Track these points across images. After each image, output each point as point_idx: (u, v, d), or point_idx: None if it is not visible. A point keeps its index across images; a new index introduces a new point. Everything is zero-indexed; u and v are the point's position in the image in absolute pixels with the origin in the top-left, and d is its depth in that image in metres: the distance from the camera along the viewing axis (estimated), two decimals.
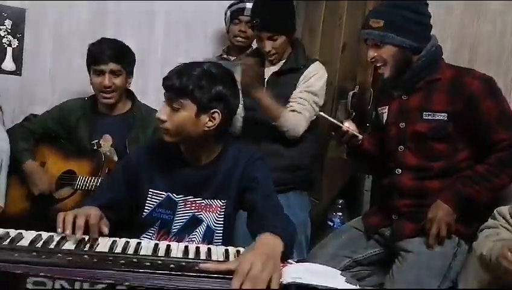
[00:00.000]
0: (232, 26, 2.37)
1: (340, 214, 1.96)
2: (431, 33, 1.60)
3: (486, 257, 1.21)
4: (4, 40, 2.34)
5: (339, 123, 1.62)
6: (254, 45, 2.31)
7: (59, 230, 1.11)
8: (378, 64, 1.60)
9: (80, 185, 1.90)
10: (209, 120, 1.32)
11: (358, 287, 1.10)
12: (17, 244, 1.03)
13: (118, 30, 2.50)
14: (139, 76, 2.57)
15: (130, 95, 2.10)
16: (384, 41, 1.55)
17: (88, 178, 1.91)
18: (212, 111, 1.32)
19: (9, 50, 2.36)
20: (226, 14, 2.43)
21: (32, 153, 1.97)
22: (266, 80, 2.04)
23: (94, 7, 2.51)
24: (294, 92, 1.98)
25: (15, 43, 2.36)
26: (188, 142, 1.37)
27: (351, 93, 2.31)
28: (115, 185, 1.43)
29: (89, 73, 2.00)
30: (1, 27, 2.32)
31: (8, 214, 1.90)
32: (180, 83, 1.28)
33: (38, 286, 0.88)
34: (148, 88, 2.58)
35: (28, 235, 1.08)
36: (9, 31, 2.34)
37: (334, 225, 1.94)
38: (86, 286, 0.88)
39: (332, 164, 2.42)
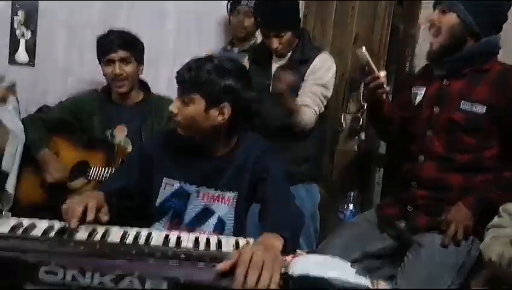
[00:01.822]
0: (231, 18, 2.39)
1: (351, 206, 1.95)
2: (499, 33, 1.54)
3: (496, 263, 1.19)
4: (17, 32, 2.36)
5: (374, 66, 1.54)
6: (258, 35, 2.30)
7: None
8: (431, 31, 1.55)
9: (93, 176, 1.93)
10: (219, 114, 1.33)
11: (368, 279, 1.10)
12: (30, 233, 1.04)
13: (130, 21, 2.50)
14: (151, 67, 2.57)
15: (143, 85, 2.12)
16: (451, 8, 1.50)
17: (101, 169, 1.93)
18: (221, 105, 1.32)
19: (22, 41, 2.37)
20: (227, 5, 2.43)
21: (46, 143, 1.98)
22: (273, 73, 2.02)
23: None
24: (303, 84, 1.97)
25: (28, 34, 2.38)
26: (200, 135, 1.38)
27: (363, 84, 2.29)
28: (128, 172, 1.45)
29: (101, 65, 2.02)
30: (14, 18, 2.34)
31: (22, 204, 1.93)
32: (190, 77, 1.31)
33: (50, 275, 0.89)
34: (159, 79, 2.57)
35: (41, 225, 1.10)
36: (22, 22, 2.36)
37: (344, 217, 1.94)
38: (97, 275, 0.89)
39: (343, 156, 2.41)
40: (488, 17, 1.50)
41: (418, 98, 1.62)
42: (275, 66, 2.04)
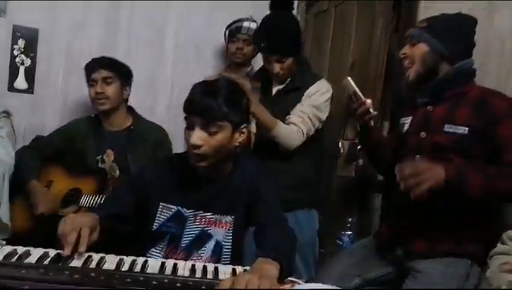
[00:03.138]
0: (229, 45, 2.47)
1: (350, 232, 1.93)
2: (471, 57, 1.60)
3: None
4: (17, 59, 2.39)
5: (361, 94, 1.63)
6: (258, 62, 2.33)
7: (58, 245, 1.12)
8: (406, 63, 1.62)
9: (84, 203, 1.93)
10: (240, 135, 1.35)
11: None
12: (25, 261, 1.03)
13: (128, 50, 2.54)
14: (149, 94, 2.62)
15: (131, 111, 2.19)
16: (420, 38, 1.58)
17: (92, 196, 1.94)
18: (242, 126, 1.35)
19: (21, 69, 2.40)
20: (224, 33, 2.51)
21: (39, 172, 2.01)
22: (272, 96, 2.05)
23: (105, 27, 2.55)
24: (296, 106, 1.99)
25: (27, 62, 2.40)
26: (220, 161, 1.36)
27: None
28: (124, 197, 1.43)
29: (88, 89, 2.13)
30: (15, 46, 2.37)
31: (15, 231, 1.91)
32: (216, 104, 1.27)
33: None
34: (157, 106, 2.60)
35: (36, 253, 1.09)
36: (22, 50, 2.39)
37: (343, 243, 1.91)
38: None
39: (341, 182, 2.40)
40: (456, 42, 1.56)
41: (406, 127, 1.67)
42: (273, 91, 2.06)
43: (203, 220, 1.39)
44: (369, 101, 1.63)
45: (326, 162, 2.21)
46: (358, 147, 2.20)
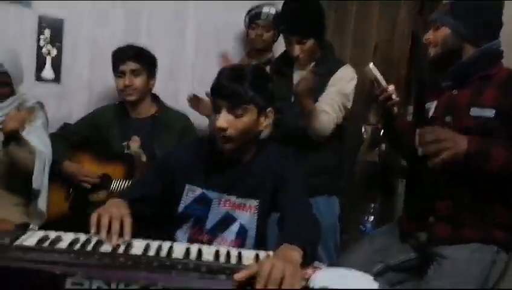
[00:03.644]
0: (249, 31, 2.46)
1: (372, 218, 1.93)
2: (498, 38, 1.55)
3: None
4: (44, 50, 2.44)
5: (383, 81, 1.61)
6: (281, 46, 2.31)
7: (92, 230, 1.15)
8: (430, 48, 1.59)
9: (114, 188, 1.99)
10: (265, 119, 1.38)
11: None
12: (56, 246, 1.07)
13: (150, 38, 2.56)
14: (171, 81, 2.64)
15: (156, 99, 2.22)
16: (441, 22, 1.55)
17: (122, 181, 2.00)
18: (268, 110, 1.37)
19: (48, 59, 2.45)
20: (245, 19, 2.51)
21: (67, 157, 2.08)
22: (295, 84, 2.03)
23: (128, 16, 2.58)
24: (323, 93, 1.97)
25: (54, 52, 2.45)
26: (245, 144, 1.39)
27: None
28: (151, 181, 1.47)
29: (114, 78, 2.14)
30: (41, 36, 2.42)
31: (47, 217, 1.97)
32: (242, 88, 1.31)
33: (77, 286, 0.91)
34: (179, 92, 2.62)
35: (67, 237, 1.13)
36: (48, 40, 2.43)
37: (366, 229, 1.91)
38: (121, 286, 0.91)
39: (364, 167, 2.39)
40: (480, 24, 1.51)
41: (431, 112, 1.64)
42: (296, 77, 2.04)
43: (227, 203, 1.42)
44: (391, 87, 1.61)
45: (348, 147, 2.19)
46: (381, 131, 2.18)
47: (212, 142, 1.41)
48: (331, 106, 1.93)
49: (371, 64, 1.64)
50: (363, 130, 2.37)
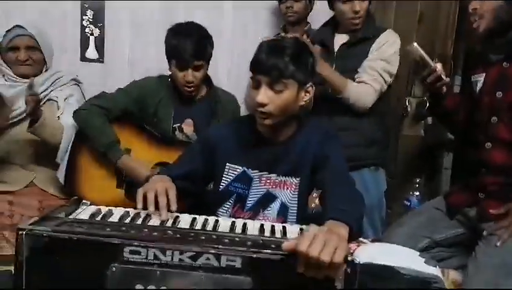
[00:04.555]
0: (281, 5, 2.41)
1: (418, 193, 1.89)
2: None
3: None
4: (87, 30, 2.50)
5: (430, 60, 1.53)
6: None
7: (139, 206, 1.19)
8: (475, 18, 1.50)
9: None
10: (305, 94, 1.36)
11: (438, 268, 1.07)
12: (108, 220, 1.12)
13: (188, 16, 2.56)
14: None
15: (207, 80, 2.03)
16: None
17: None
18: (307, 85, 1.35)
19: (91, 39, 2.51)
20: None
21: (119, 144, 1.88)
22: (335, 51, 1.98)
23: None
24: (364, 61, 1.91)
25: (97, 32, 2.51)
26: (285, 120, 1.38)
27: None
28: (193, 158, 1.48)
29: (169, 63, 1.92)
30: (84, 17, 2.48)
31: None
32: (282, 63, 1.29)
33: (134, 254, 0.96)
34: (219, 70, 2.63)
35: (117, 212, 1.17)
36: (91, 21, 2.49)
37: (411, 204, 1.88)
38: (176, 253, 0.96)
39: (407, 141, 2.33)
40: None
41: (479, 86, 1.56)
42: (336, 45, 1.99)
43: (267, 181, 1.42)
44: (439, 66, 1.53)
45: (392, 120, 2.13)
46: (427, 104, 2.11)
47: (253, 120, 1.41)
48: (369, 74, 1.87)
49: (415, 44, 1.55)
50: (406, 102, 2.30)
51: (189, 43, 1.84)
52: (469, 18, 1.53)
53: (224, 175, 1.45)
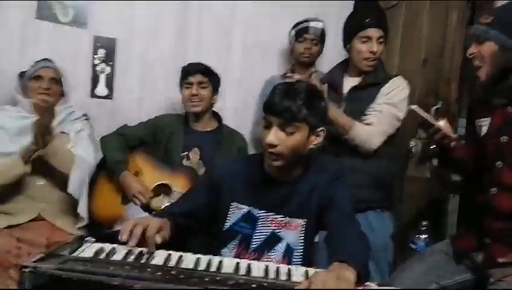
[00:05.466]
0: (296, 45, 2.47)
1: (425, 236, 1.86)
2: None
3: None
4: (98, 68, 2.56)
5: (432, 120, 1.54)
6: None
7: (120, 238, 1.18)
8: (475, 64, 1.52)
9: (175, 199, 2.00)
10: (315, 138, 1.37)
11: None
12: (111, 258, 1.11)
13: (197, 53, 2.63)
14: (218, 96, 2.68)
15: (217, 116, 2.31)
16: (486, 36, 1.46)
17: (181, 192, 1.98)
18: (319, 129, 1.36)
19: (102, 77, 2.57)
20: (290, 33, 2.52)
21: (126, 164, 2.10)
22: (345, 94, 2.01)
23: (176, 34, 2.66)
24: (372, 104, 1.93)
25: (107, 70, 2.57)
26: (293, 162, 1.38)
27: (434, 108, 2.20)
28: (197, 195, 1.49)
29: (181, 91, 2.24)
30: (95, 56, 2.55)
31: (102, 218, 2.06)
32: (295, 106, 1.30)
33: None
34: (226, 107, 2.67)
35: (120, 250, 1.16)
36: (102, 59, 2.56)
37: (417, 248, 1.84)
38: None
39: (413, 183, 2.32)
40: None
41: (484, 130, 1.57)
42: (346, 88, 2.02)
43: (273, 222, 1.41)
44: (443, 124, 1.53)
45: (397, 162, 2.13)
46: (432, 146, 2.12)
47: (260, 159, 1.42)
48: (377, 117, 1.89)
49: (414, 106, 1.55)
50: (411, 144, 2.30)
51: (195, 64, 2.24)
52: (473, 64, 1.55)
53: (229, 214, 1.44)
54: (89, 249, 1.15)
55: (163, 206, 1.99)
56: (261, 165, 1.42)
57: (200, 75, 2.19)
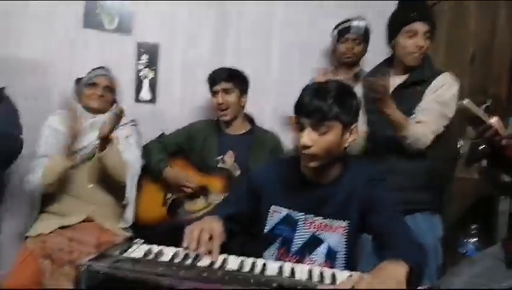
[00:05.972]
0: (339, 45, 2.45)
1: (474, 240, 1.79)
2: None
3: None
4: (141, 73, 2.64)
5: (485, 116, 1.46)
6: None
7: (184, 245, 1.21)
8: None
9: (212, 201, 2.10)
10: (350, 136, 1.35)
11: None
12: (160, 259, 1.14)
13: (236, 56, 2.66)
14: (257, 98, 2.69)
15: (249, 119, 2.34)
16: None
17: (220, 194, 2.09)
18: (352, 127, 1.35)
19: (145, 82, 2.64)
20: (332, 34, 2.49)
21: (167, 163, 2.23)
22: (391, 92, 1.94)
23: (215, 37, 2.70)
24: (420, 102, 1.87)
25: (150, 75, 2.64)
26: (329, 162, 1.37)
27: (483, 106, 2.11)
28: (239, 199, 1.50)
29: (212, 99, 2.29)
30: (139, 62, 2.62)
31: (144, 220, 2.17)
32: (326, 105, 1.29)
33: None
34: (265, 109, 2.68)
35: (168, 251, 1.20)
36: (146, 64, 2.63)
37: (467, 251, 1.78)
38: None
39: (462, 184, 2.24)
40: None
41: None
42: (392, 85, 1.94)
43: (313, 224, 1.40)
44: (495, 121, 1.46)
45: (445, 163, 2.06)
46: (481, 146, 2.03)
47: (297, 161, 1.41)
48: (427, 115, 1.83)
49: (466, 100, 1.46)
50: (459, 144, 2.22)
51: (218, 71, 2.26)
52: None
53: (268, 217, 1.44)
54: (138, 250, 1.19)
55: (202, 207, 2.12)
56: (297, 167, 1.42)
57: (223, 82, 2.22)
